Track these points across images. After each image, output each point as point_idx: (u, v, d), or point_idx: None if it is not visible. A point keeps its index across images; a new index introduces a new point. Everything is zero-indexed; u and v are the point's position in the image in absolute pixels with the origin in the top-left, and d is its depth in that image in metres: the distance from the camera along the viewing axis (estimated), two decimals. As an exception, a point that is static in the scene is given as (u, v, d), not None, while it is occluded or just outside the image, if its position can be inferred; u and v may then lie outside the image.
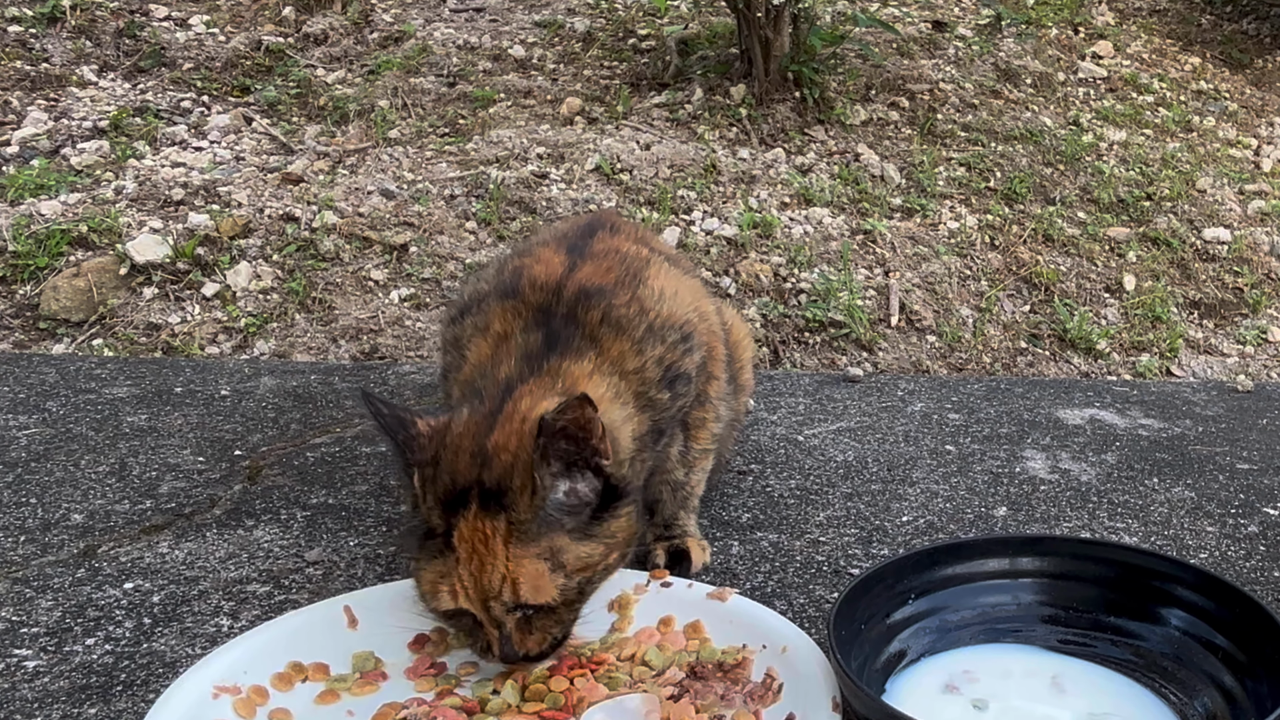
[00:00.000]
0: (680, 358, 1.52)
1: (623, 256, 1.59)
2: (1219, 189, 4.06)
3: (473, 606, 1.29)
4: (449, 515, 1.29)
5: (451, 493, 1.29)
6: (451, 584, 1.28)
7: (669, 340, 1.51)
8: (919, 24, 4.75)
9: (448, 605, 1.30)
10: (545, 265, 1.54)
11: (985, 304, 3.38)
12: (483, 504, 1.28)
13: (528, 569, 1.28)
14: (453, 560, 1.28)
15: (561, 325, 1.45)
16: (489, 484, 1.28)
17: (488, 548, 1.27)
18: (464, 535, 1.28)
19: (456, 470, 1.29)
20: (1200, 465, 2.23)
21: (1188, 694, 1.38)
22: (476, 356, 1.47)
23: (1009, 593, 1.53)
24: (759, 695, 1.33)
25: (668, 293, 1.56)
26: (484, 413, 1.33)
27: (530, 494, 1.28)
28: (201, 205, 3.18)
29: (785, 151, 3.83)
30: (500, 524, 1.28)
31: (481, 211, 3.31)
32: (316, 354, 2.85)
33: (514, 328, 1.46)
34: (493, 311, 1.49)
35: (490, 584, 1.27)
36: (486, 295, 1.54)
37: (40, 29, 4.03)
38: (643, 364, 1.47)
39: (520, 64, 4.21)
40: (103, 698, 1.38)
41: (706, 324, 1.63)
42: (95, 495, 1.89)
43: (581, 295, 1.48)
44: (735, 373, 1.81)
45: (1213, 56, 5.06)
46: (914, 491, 2.04)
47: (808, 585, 1.69)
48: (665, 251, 1.77)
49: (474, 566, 1.27)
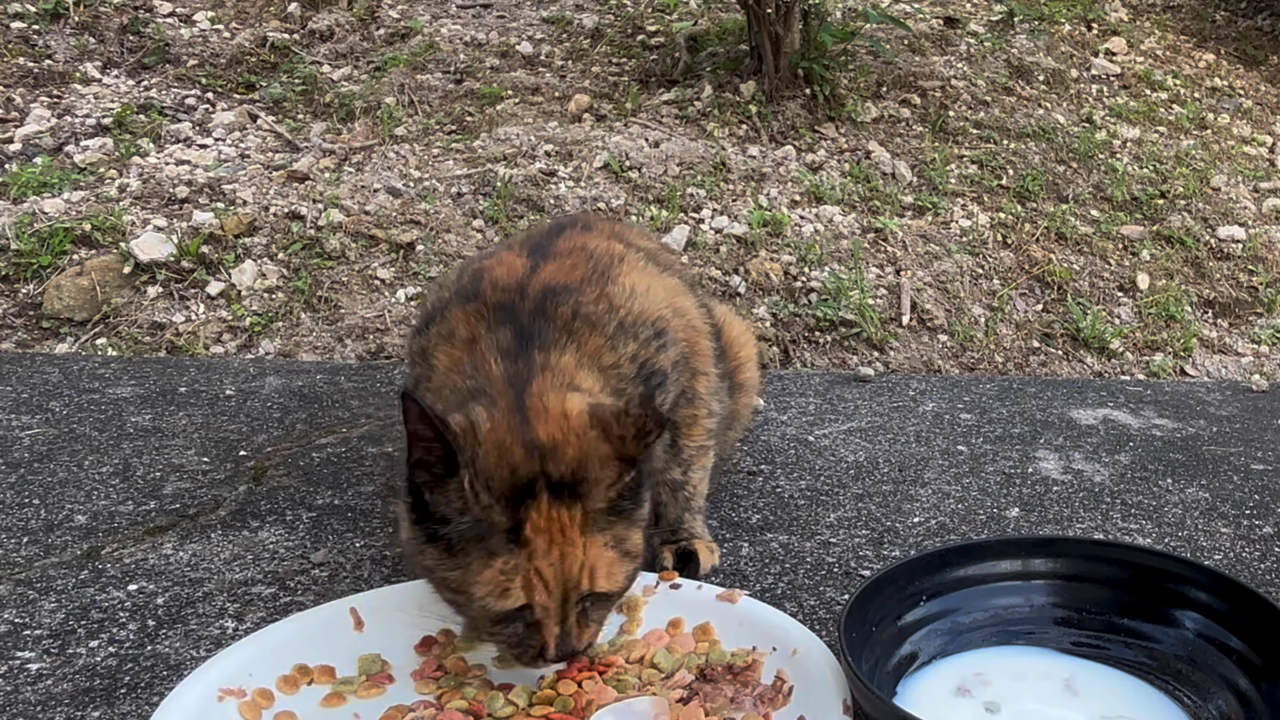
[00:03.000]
0: (654, 354, 1.51)
1: (590, 254, 1.58)
2: (1233, 187, 4.04)
3: (549, 599, 1.28)
4: (515, 509, 1.26)
5: (515, 486, 1.26)
6: (525, 577, 1.26)
7: (641, 337, 1.50)
8: (930, 20, 4.73)
9: (517, 602, 1.27)
10: (506, 267, 1.53)
11: (997, 303, 3.36)
12: (554, 494, 1.27)
13: (603, 556, 1.29)
14: (523, 555, 1.26)
15: (529, 320, 1.44)
16: (557, 476, 1.27)
17: (565, 537, 1.27)
18: (539, 526, 1.26)
19: (514, 463, 1.27)
20: (1215, 466, 2.21)
21: (1202, 697, 1.37)
22: (445, 363, 1.45)
23: (1021, 594, 1.52)
24: (769, 698, 1.33)
25: (639, 289, 1.55)
26: (505, 409, 1.32)
27: (607, 484, 1.29)
28: (206, 203, 3.17)
29: (795, 149, 3.81)
30: (576, 513, 1.28)
31: (489, 210, 3.30)
32: (322, 353, 2.83)
33: (479, 330, 1.44)
34: (455, 317, 1.48)
35: (571, 573, 1.27)
36: (448, 303, 1.53)
37: (43, 25, 4.02)
38: (617, 360, 1.46)
39: (528, 61, 4.20)
40: (106, 700, 1.37)
41: (683, 319, 1.61)
42: (99, 496, 1.88)
43: (548, 293, 1.47)
44: (731, 370, 1.80)
45: (1227, 53, 5.03)
46: (926, 492, 2.02)
47: (818, 587, 1.68)
48: (646, 247, 1.76)
49: (554, 557, 1.27)
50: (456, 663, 1.41)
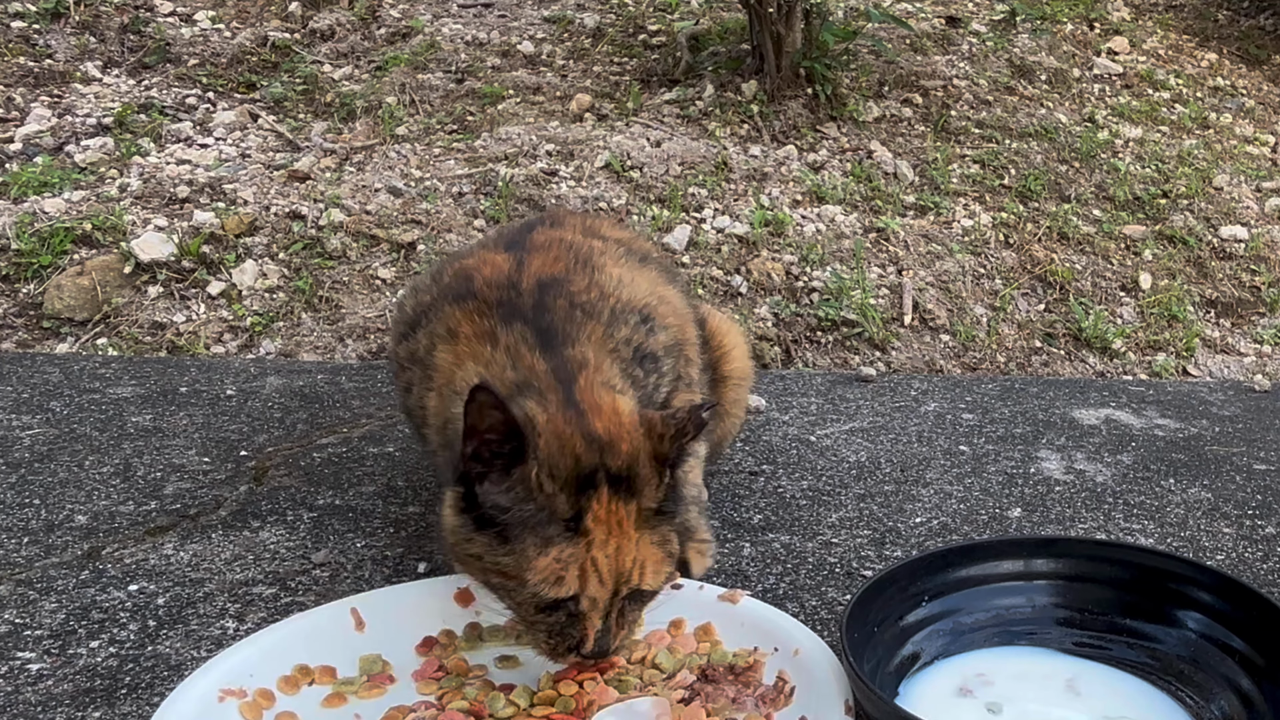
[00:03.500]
0: (645, 338, 1.53)
1: (568, 245, 1.60)
2: (1236, 186, 4.03)
3: (601, 590, 1.28)
4: (578, 498, 1.28)
5: (580, 475, 1.28)
6: (581, 567, 1.27)
7: (631, 322, 1.52)
8: (932, 20, 4.72)
9: (570, 590, 1.28)
10: (491, 266, 1.55)
11: (1000, 303, 3.36)
12: (613, 487, 1.28)
13: (653, 554, 1.31)
14: (582, 544, 1.27)
15: (538, 315, 1.45)
16: (614, 469, 1.28)
17: (623, 530, 1.29)
18: (600, 517, 1.27)
19: (578, 453, 1.28)
20: (1217, 466, 2.21)
21: (1204, 697, 1.37)
22: (450, 361, 1.46)
23: (1024, 595, 1.51)
24: (771, 699, 1.32)
25: (625, 280, 1.58)
26: (558, 403, 1.33)
27: (657, 485, 1.31)
28: (207, 203, 3.17)
29: (797, 148, 3.80)
30: (632, 508, 1.29)
31: (490, 209, 3.30)
32: (323, 353, 2.83)
33: (489, 325, 1.46)
34: (450, 316, 1.49)
35: (624, 566, 1.29)
36: (433, 304, 1.54)
37: (44, 24, 4.02)
38: (615, 345, 1.48)
39: (529, 60, 4.20)
40: (107, 701, 1.37)
41: (669, 306, 1.63)
42: (99, 496, 1.88)
43: (540, 286, 1.49)
44: (715, 360, 1.82)
45: (1229, 52, 5.03)
46: (927, 492, 2.02)
47: (820, 587, 1.67)
48: (622, 238, 1.77)
49: (610, 549, 1.28)
50: (458, 663, 1.41)
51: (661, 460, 1.32)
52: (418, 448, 1.92)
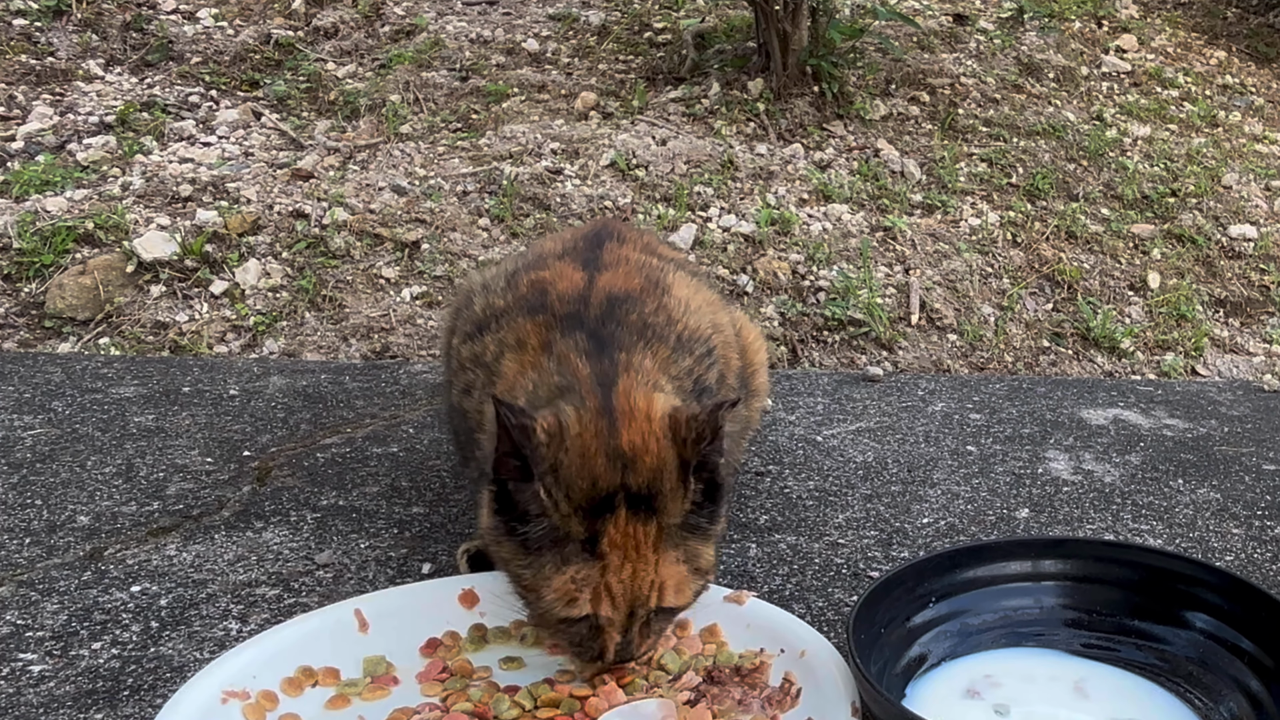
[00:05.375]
0: (705, 371, 1.52)
1: (639, 264, 1.60)
2: (1245, 185, 4.02)
3: (615, 613, 1.28)
4: (593, 521, 1.27)
5: (595, 499, 1.27)
6: (594, 590, 1.26)
7: (696, 353, 1.52)
8: (939, 17, 4.71)
9: (583, 611, 1.28)
10: (567, 280, 1.54)
11: (1007, 302, 3.34)
12: (631, 508, 1.27)
13: (674, 573, 1.29)
14: (596, 568, 1.26)
15: (599, 325, 1.45)
16: (635, 488, 1.27)
17: (639, 554, 1.27)
18: (615, 542, 1.26)
19: (596, 474, 1.27)
20: (1226, 466, 2.20)
21: (1213, 699, 1.37)
22: (515, 369, 1.46)
23: (1031, 596, 1.51)
24: (777, 700, 1.32)
25: (692, 305, 1.57)
26: (594, 410, 1.32)
27: (681, 498, 1.30)
28: (210, 202, 3.17)
29: (804, 147, 3.80)
30: (651, 529, 1.28)
31: (495, 208, 3.29)
32: (327, 353, 2.83)
33: (551, 337, 1.45)
34: (521, 328, 1.49)
35: (640, 591, 1.28)
36: (505, 311, 1.54)
37: (46, 22, 4.02)
38: (679, 373, 1.47)
39: (534, 58, 4.19)
40: (109, 702, 1.36)
41: (722, 336, 1.63)
42: (102, 497, 1.87)
43: (614, 300, 1.49)
44: (747, 376, 1.80)
45: (1239, 50, 5.01)
46: (935, 493, 2.01)
47: (826, 588, 1.67)
48: (674, 258, 1.77)
49: (625, 574, 1.27)
50: (462, 665, 1.41)
51: (684, 464, 1.30)
52: (451, 451, 1.90)
